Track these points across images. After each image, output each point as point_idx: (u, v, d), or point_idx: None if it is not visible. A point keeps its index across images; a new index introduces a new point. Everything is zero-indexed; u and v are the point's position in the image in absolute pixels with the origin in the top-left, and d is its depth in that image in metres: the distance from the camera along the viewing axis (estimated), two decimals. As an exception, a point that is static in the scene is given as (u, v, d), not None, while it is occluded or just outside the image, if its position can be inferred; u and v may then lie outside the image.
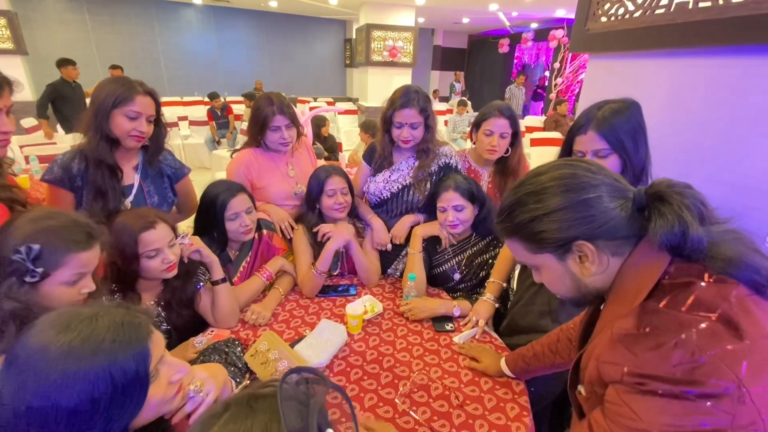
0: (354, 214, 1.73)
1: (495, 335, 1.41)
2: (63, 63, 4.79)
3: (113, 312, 0.58)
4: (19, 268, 0.81)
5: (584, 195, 0.63)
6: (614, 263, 0.65)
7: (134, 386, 0.56)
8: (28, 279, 0.82)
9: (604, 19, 1.74)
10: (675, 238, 0.57)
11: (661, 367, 0.53)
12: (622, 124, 1.10)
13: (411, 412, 1.06)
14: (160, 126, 1.44)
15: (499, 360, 1.19)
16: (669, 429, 0.52)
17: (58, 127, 6.05)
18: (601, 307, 0.72)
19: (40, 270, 0.82)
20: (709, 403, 0.50)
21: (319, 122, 4.37)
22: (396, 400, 1.10)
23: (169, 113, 6.58)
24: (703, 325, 0.53)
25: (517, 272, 1.52)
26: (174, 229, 1.24)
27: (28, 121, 5.19)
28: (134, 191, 1.43)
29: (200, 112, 6.88)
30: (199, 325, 1.37)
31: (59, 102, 4.76)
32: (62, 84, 4.78)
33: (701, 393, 0.50)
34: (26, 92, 6.68)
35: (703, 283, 0.57)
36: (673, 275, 0.60)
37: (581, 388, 0.71)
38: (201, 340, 1.28)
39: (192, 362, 1.11)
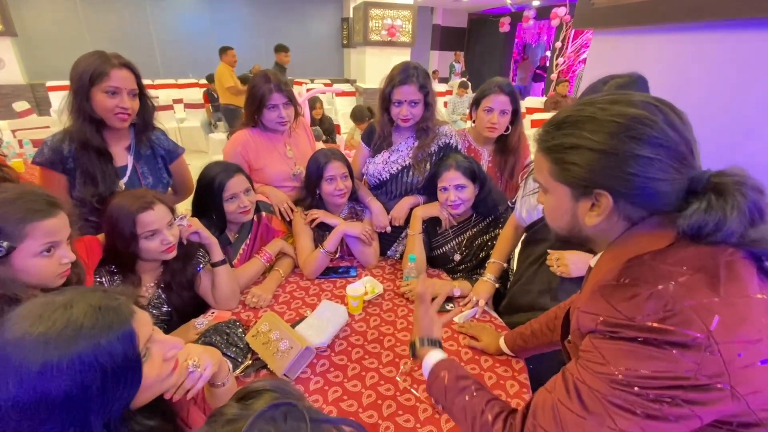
0: (353, 197, 1.71)
1: (495, 315, 1.42)
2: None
3: (89, 297, 0.56)
4: None
5: (641, 150, 0.55)
6: (620, 225, 0.62)
7: (125, 368, 0.55)
8: None
9: (610, -8, 1.69)
10: (701, 230, 0.54)
11: (634, 316, 0.54)
12: None
13: (412, 390, 1.07)
14: (145, 100, 1.37)
15: (499, 339, 1.20)
16: (632, 373, 0.53)
17: (51, 110, 5.96)
18: (592, 266, 0.72)
19: (4, 244, 0.79)
20: (675, 351, 0.51)
21: (311, 105, 4.29)
22: (397, 378, 1.11)
23: (163, 96, 6.50)
24: (682, 279, 0.53)
25: (517, 252, 1.52)
26: (172, 210, 1.22)
27: (20, 105, 5.11)
28: (128, 172, 1.40)
29: (195, 95, 6.76)
30: (200, 306, 1.37)
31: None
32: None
33: (670, 341, 0.51)
34: (17, 75, 6.55)
35: (692, 246, 0.56)
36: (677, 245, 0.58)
37: (570, 337, 0.72)
38: (202, 322, 1.28)
39: (193, 343, 1.12)
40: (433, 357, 0.86)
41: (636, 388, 0.53)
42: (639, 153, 0.55)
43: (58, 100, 6.14)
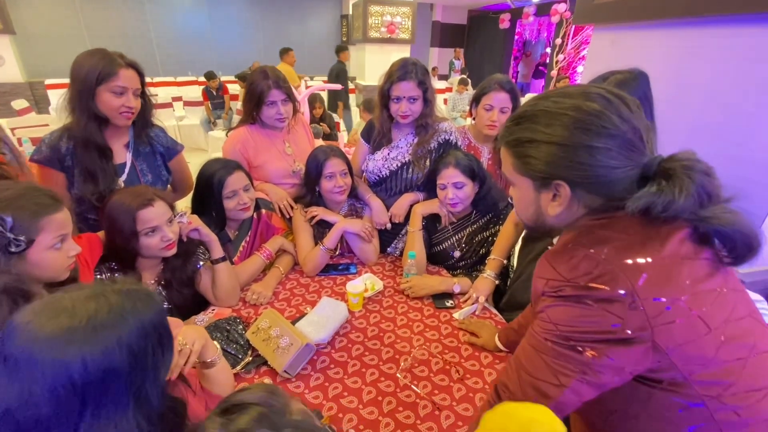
0: (353, 194, 1.71)
1: (495, 311, 1.42)
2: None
3: (110, 285, 0.59)
4: (0, 241, 0.79)
5: (593, 141, 0.58)
6: (579, 212, 0.65)
7: (164, 336, 0.60)
8: (13, 249, 0.80)
9: (610, -13, 1.69)
10: (651, 209, 0.57)
11: (570, 276, 0.59)
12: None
13: (413, 386, 1.07)
14: (145, 99, 1.38)
15: (495, 333, 1.20)
16: (568, 328, 0.59)
17: (50, 108, 5.95)
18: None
19: (23, 238, 0.81)
20: (603, 306, 0.55)
21: (310, 102, 4.28)
22: (397, 375, 1.11)
23: (162, 94, 6.48)
24: (617, 243, 0.58)
25: (517, 249, 1.52)
26: (172, 207, 1.22)
27: (19, 103, 5.10)
28: (127, 170, 1.40)
29: (194, 93, 6.75)
30: (201, 304, 1.37)
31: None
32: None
33: (596, 297, 0.56)
34: (16, 73, 6.53)
35: (640, 217, 0.59)
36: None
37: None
38: (202, 319, 1.29)
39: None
40: None
41: (571, 341, 0.58)
42: (590, 144, 0.58)
43: (57, 97, 6.13)
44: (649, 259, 0.56)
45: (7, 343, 0.52)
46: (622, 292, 0.54)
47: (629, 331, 0.55)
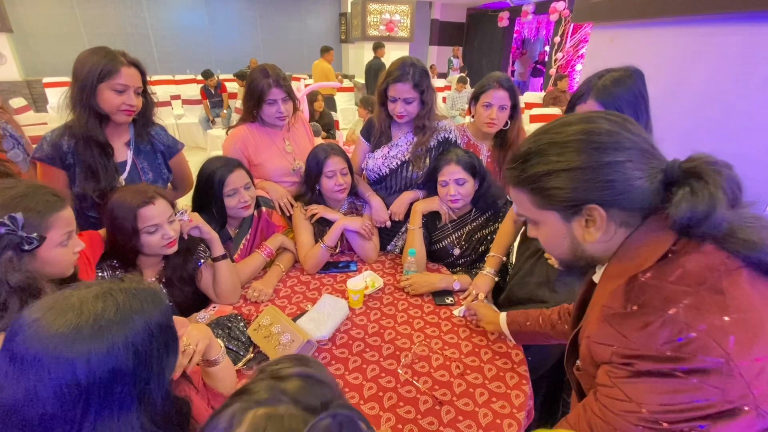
0: (353, 192, 1.72)
1: (495, 308, 1.43)
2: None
3: (117, 284, 0.59)
4: (12, 240, 0.79)
5: (611, 157, 0.57)
6: (620, 234, 0.62)
7: (170, 337, 0.61)
8: (26, 247, 0.81)
9: (609, -15, 1.69)
10: (694, 217, 0.54)
11: (649, 346, 0.52)
12: (623, 93, 1.08)
13: (414, 381, 1.08)
14: (147, 98, 1.39)
15: (497, 316, 1.21)
16: (661, 408, 0.51)
17: (48, 107, 5.93)
18: (596, 281, 0.70)
19: (35, 235, 0.82)
20: (696, 379, 0.49)
21: (311, 98, 4.28)
22: (399, 371, 1.12)
23: (161, 92, 6.46)
24: (689, 300, 0.52)
25: (516, 246, 1.53)
26: (173, 205, 1.22)
27: (17, 102, 5.08)
28: (128, 168, 1.40)
29: (193, 91, 6.73)
30: (202, 301, 1.38)
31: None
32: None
33: (689, 369, 0.50)
34: (13, 71, 6.51)
35: (692, 255, 0.56)
36: (678, 253, 0.57)
37: (579, 364, 0.71)
38: (204, 316, 1.29)
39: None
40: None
41: (664, 424, 0.51)
42: (612, 159, 0.57)
43: (55, 96, 6.11)
44: (728, 317, 0.50)
45: (14, 339, 0.52)
46: (716, 360, 0.49)
47: (729, 402, 0.49)
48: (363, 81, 7.55)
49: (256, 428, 0.41)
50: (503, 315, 1.19)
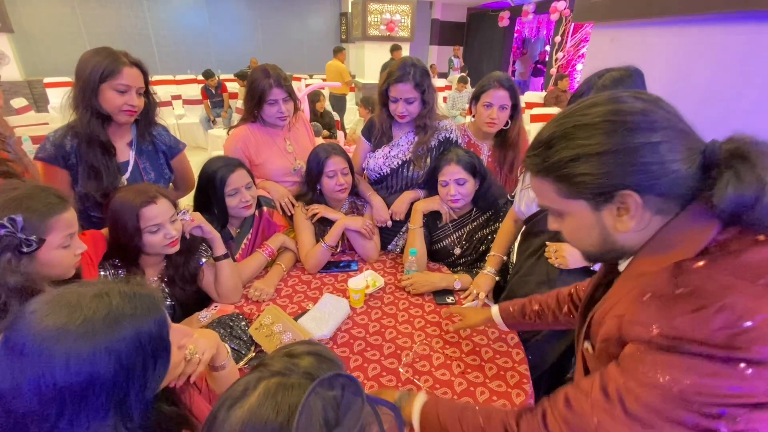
0: (354, 192, 1.72)
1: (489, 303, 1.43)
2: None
3: (118, 286, 0.58)
4: (11, 242, 0.79)
5: (645, 138, 0.52)
6: (655, 223, 0.57)
7: (160, 349, 0.58)
8: (25, 249, 0.81)
9: (609, -15, 1.69)
10: (742, 203, 0.50)
11: (700, 331, 0.49)
12: None
13: (414, 380, 1.09)
14: (149, 98, 1.40)
15: (485, 314, 1.16)
16: (691, 389, 0.49)
17: (49, 107, 5.94)
18: (619, 266, 0.67)
19: (34, 238, 0.82)
20: (750, 370, 0.46)
21: (313, 98, 4.29)
22: (399, 369, 1.13)
23: (162, 92, 6.47)
24: (747, 290, 0.49)
25: (516, 245, 1.53)
26: (175, 205, 1.23)
27: (18, 102, 5.09)
28: (130, 168, 1.41)
29: (194, 91, 6.74)
30: (203, 300, 1.38)
31: None
32: None
33: (743, 359, 0.47)
34: (14, 71, 6.52)
35: (753, 248, 0.52)
36: (722, 243, 0.53)
37: (588, 345, 0.68)
38: (205, 315, 1.30)
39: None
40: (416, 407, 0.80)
41: (694, 404, 0.49)
42: (645, 141, 0.52)
43: (56, 96, 6.12)
44: None
45: (12, 328, 0.52)
46: None
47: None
48: (364, 81, 7.57)
49: (268, 393, 0.45)
50: (495, 308, 1.14)
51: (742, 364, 0.47)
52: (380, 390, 0.99)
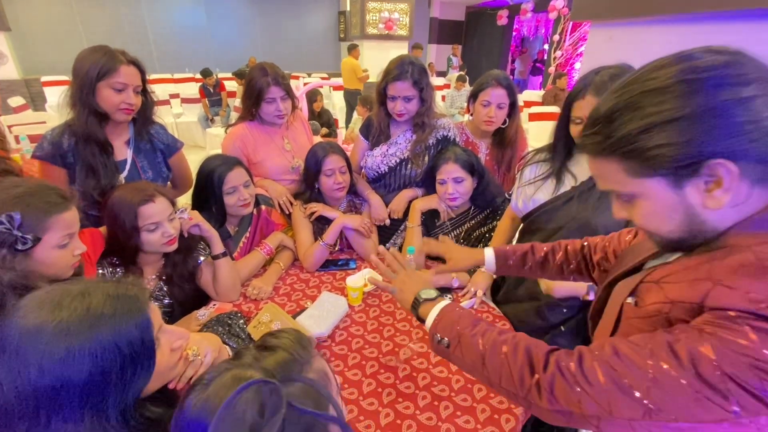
0: (352, 191, 1.72)
1: (493, 305, 1.44)
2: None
3: (103, 286, 0.58)
4: (7, 239, 0.80)
5: (733, 94, 0.44)
6: (757, 195, 0.48)
7: (142, 354, 0.57)
8: (20, 247, 0.81)
9: (606, -17, 1.70)
10: None
11: None
12: None
13: (398, 364, 1.09)
14: (146, 97, 1.40)
15: (474, 255, 1.06)
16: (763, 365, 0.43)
17: (46, 105, 5.92)
18: None
19: (29, 236, 0.82)
20: None
21: (311, 97, 4.29)
22: (396, 365, 1.13)
23: (159, 91, 6.45)
24: None
25: (515, 243, 1.53)
26: (173, 203, 1.23)
27: (15, 100, 5.07)
28: (128, 166, 1.41)
29: (192, 90, 6.73)
30: (202, 299, 1.38)
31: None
32: None
33: None
34: (12, 70, 6.50)
35: None
36: None
37: (632, 300, 0.61)
38: (204, 314, 1.30)
39: (192, 332, 1.13)
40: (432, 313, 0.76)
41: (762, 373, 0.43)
42: (733, 98, 0.45)
43: (53, 95, 6.10)
44: None
45: (1, 325, 0.52)
46: None
47: None
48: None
49: (224, 384, 0.47)
50: (490, 252, 1.04)
51: None
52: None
